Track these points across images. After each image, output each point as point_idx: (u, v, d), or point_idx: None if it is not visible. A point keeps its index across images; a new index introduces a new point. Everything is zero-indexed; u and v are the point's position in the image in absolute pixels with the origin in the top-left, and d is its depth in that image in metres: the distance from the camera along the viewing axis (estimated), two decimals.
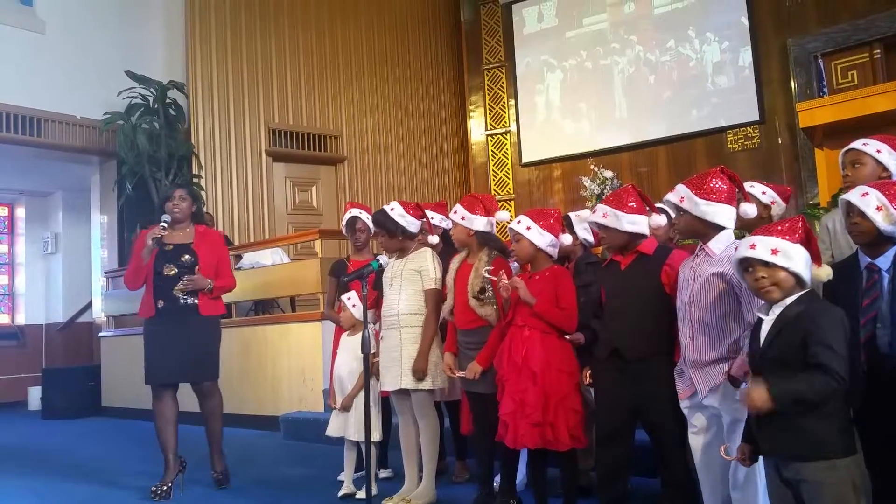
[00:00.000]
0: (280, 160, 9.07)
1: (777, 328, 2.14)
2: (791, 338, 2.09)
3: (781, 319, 2.14)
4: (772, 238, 2.17)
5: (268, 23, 9.05)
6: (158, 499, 4.14)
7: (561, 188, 9.74)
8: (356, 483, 4.05)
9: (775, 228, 2.22)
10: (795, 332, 2.08)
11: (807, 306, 2.12)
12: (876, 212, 2.38)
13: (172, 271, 4.26)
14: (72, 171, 9.35)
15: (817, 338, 2.03)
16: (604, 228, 3.05)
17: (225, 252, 4.57)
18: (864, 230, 2.43)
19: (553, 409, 3.14)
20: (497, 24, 10.38)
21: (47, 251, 10.65)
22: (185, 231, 4.41)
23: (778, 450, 2.15)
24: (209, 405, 4.39)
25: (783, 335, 2.12)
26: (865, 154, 2.92)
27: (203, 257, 4.32)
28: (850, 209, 2.47)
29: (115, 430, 7.29)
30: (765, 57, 8.29)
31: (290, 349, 6.52)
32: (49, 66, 8.10)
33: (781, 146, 8.10)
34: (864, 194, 2.43)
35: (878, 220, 2.38)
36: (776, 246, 2.15)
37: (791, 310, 2.14)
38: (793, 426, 2.08)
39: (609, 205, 3.01)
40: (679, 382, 2.80)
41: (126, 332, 8.33)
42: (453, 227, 3.72)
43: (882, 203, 2.38)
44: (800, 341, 2.06)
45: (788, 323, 2.12)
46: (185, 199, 4.41)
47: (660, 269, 2.94)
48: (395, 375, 3.72)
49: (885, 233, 2.39)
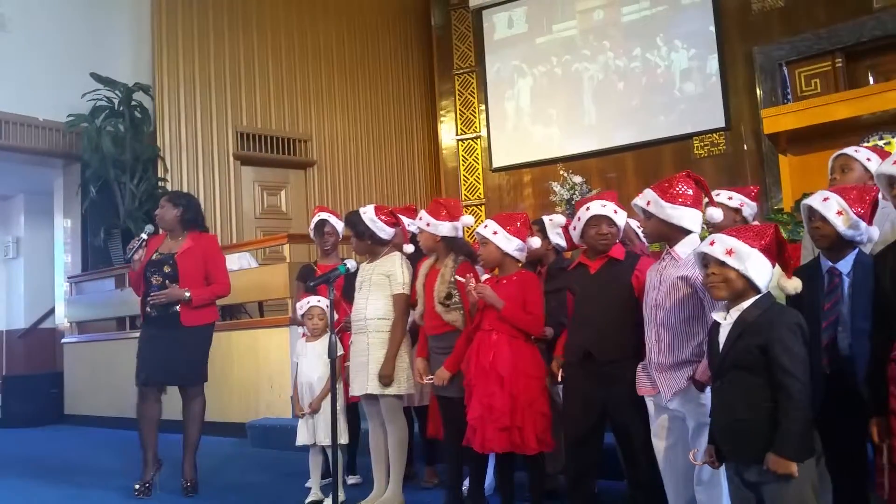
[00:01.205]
0: (248, 164, 8.98)
1: (737, 332, 2.17)
2: (750, 343, 2.13)
3: (740, 324, 2.18)
4: (731, 239, 2.21)
5: (236, 25, 8.97)
6: (141, 496, 4.24)
7: (531, 193, 9.78)
8: (324, 490, 4.01)
9: (743, 230, 2.26)
10: (754, 337, 2.12)
11: (763, 311, 2.16)
12: (836, 216, 2.43)
13: (158, 280, 4.32)
14: (34, 174, 9.15)
15: (776, 352, 2.07)
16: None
17: (218, 257, 4.53)
18: (825, 234, 2.47)
19: (521, 413, 3.14)
20: (468, 29, 10.40)
21: (8, 256, 10.42)
22: (176, 240, 4.44)
23: (738, 453, 2.18)
24: (192, 410, 4.42)
25: (742, 340, 2.15)
26: (855, 160, 2.98)
27: (184, 267, 4.31)
28: (812, 213, 2.51)
29: (80, 437, 7.15)
30: (731, 65, 8.42)
31: (257, 355, 6.45)
32: (10, 66, 7.92)
33: (747, 152, 8.22)
34: (825, 199, 2.47)
35: (838, 224, 2.42)
36: (732, 246, 2.19)
37: (749, 313, 2.17)
38: (752, 430, 2.11)
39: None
40: (641, 379, 2.81)
41: (90, 338, 8.19)
42: (420, 233, 3.71)
43: (842, 207, 2.43)
44: (759, 347, 2.10)
45: (747, 327, 2.15)
46: (164, 207, 4.43)
47: (630, 275, 2.95)
48: (362, 380, 3.71)
49: (845, 236, 2.44)
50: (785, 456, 2.03)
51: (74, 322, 8.43)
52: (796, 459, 2.03)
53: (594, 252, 3.06)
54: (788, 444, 2.04)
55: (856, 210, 2.42)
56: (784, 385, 2.05)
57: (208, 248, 4.48)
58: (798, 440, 2.04)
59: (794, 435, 2.04)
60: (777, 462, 2.04)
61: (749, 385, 2.13)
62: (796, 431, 2.04)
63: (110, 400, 7.32)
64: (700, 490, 2.64)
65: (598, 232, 3.01)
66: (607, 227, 3.00)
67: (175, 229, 4.42)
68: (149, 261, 4.33)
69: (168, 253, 4.36)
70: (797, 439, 2.04)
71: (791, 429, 2.04)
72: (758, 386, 2.11)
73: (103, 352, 7.73)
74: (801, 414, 2.05)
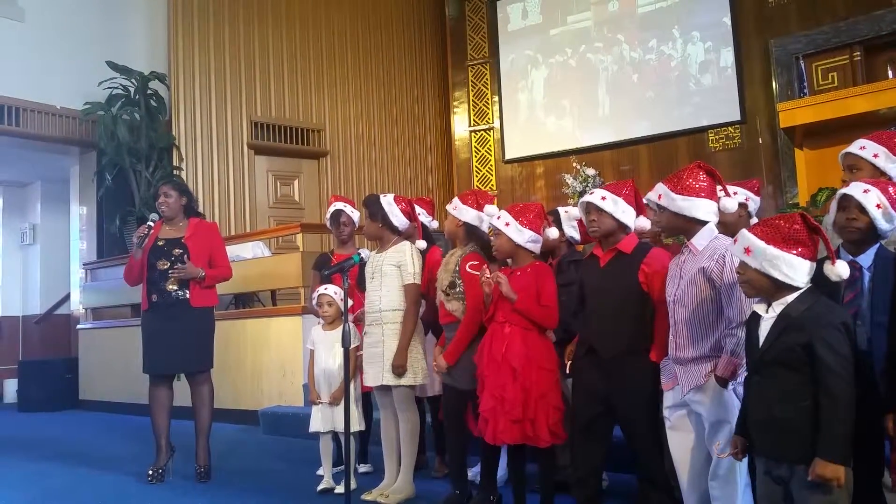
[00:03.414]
0: (262, 153, 9.01)
1: (779, 327, 2.11)
2: (793, 340, 2.07)
3: (783, 319, 2.12)
4: (750, 236, 2.17)
5: (252, 14, 8.98)
6: (155, 481, 4.31)
7: (544, 185, 9.76)
8: (335, 478, 4.05)
9: (766, 224, 2.19)
10: (797, 334, 2.06)
11: (809, 307, 2.09)
12: (875, 209, 2.39)
13: (165, 265, 4.37)
14: (51, 162, 9.24)
15: (821, 351, 2.00)
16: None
17: (219, 242, 4.65)
18: (861, 226, 2.42)
19: (533, 406, 3.14)
20: (482, 20, 10.37)
21: (25, 242, 10.52)
22: (177, 226, 4.52)
23: (772, 450, 2.15)
24: (200, 394, 4.47)
25: (784, 336, 2.09)
26: (862, 159, 2.93)
27: (193, 249, 4.41)
28: (848, 203, 2.46)
29: (94, 422, 7.23)
30: (747, 57, 8.35)
31: (269, 343, 6.50)
32: (29, 55, 7.99)
33: (762, 146, 8.16)
34: (865, 190, 2.43)
35: (877, 218, 2.39)
36: (750, 244, 2.15)
37: (793, 309, 2.11)
38: (790, 428, 2.07)
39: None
40: (664, 374, 2.81)
41: (104, 324, 8.27)
42: (447, 217, 3.72)
43: (882, 202, 2.40)
44: (802, 345, 2.04)
45: (791, 322, 2.09)
46: (171, 195, 4.50)
47: (637, 268, 2.92)
48: (377, 371, 3.73)
49: (881, 231, 2.41)
50: (831, 459, 1.96)
51: (89, 308, 8.52)
52: (844, 463, 1.96)
53: (605, 242, 3.04)
54: (835, 447, 1.97)
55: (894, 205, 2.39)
56: (828, 385, 1.99)
57: (212, 233, 4.61)
58: (844, 443, 1.97)
59: (839, 437, 1.97)
60: (825, 467, 1.96)
61: (788, 382, 2.07)
62: (842, 434, 1.96)
63: (124, 385, 7.39)
64: (715, 485, 2.63)
65: (588, 219, 3.02)
66: (595, 213, 2.98)
67: (178, 216, 4.52)
68: (152, 247, 4.39)
69: (174, 238, 4.43)
70: (843, 442, 1.97)
71: (836, 431, 1.97)
72: (798, 384, 2.05)
73: (118, 338, 7.80)
74: (845, 415, 1.97)
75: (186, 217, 4.56)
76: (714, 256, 2.61)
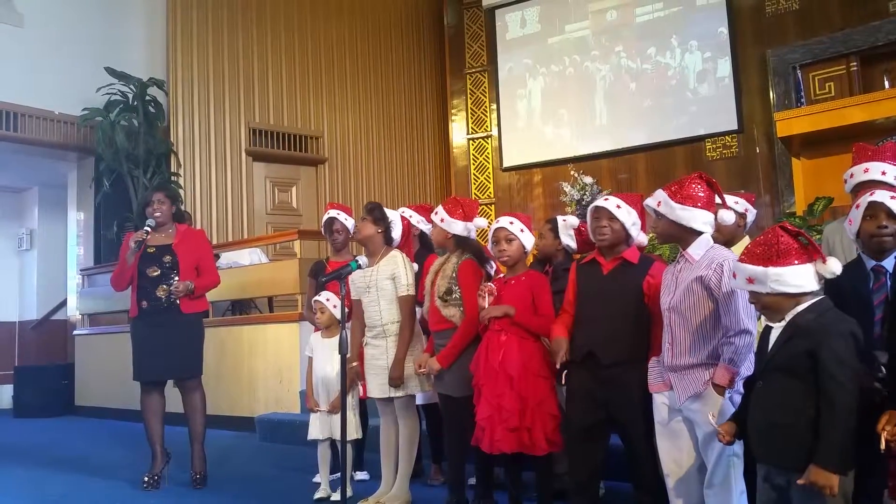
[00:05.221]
0: (260, 160, 9.02)
1: (787, 335, 2.13)
2: (800, 347, 2.07)
3: (791, 327, 2.13)
4: (746, 267, 2.17)
5: (250, 21, 9.00)
6: (150, 488, 4.30)
7: (541, 193, 9.77)
8: (332, 485, 4.03)
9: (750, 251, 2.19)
10: (803, 341, 2.07)
11: (818, 315, 2.10)
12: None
13: (155, 272, 4.38)
14: (49, 167, 9.22)
15: (825, 359, 2.00)
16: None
17: (207, 249, 4.67)
18: (894, 232, 2.42)
19: (530, 414, 3.15)
20: (480, 28, 10.40)
21: (22, 247, 10.49)
22: (167, 233, 4.53)
23: (771, 456, 2.15)
24: (192, 401, 4.46)
25: (791, 343, 2.10)
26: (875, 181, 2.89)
27: (183, 258, 4.42)
28: (878, 211, 2.45)
29: (90, 428, 7.22)
30: (744, 67, 8.38)
31: (266, 350, 6.49)
32: (27, 60, 7.99)
33: (759, 155, 8.18)
34: (893, 196, 2.43)
35: None
36: (750, 274, 2.16)
37: (802, 317, 2.12)
38: (789, 435, 2.07)
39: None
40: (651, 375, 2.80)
41: (101, 330, 8.25)
42: (433, 227, 3.73)
43: None
44: (807, 351, 2.04)
45: (798, 330, 2.10)
46: (164, 202, 4.52)
47: (642, 279, 2.93)
48: (382, 382, 3.71)
49: None
50: (827, 468, 1.95)
51: (86, 314, 8.50)
52: (839, 472, 1.95)
53: (609, 251, 3.04)
54: (831, 455, 1.96)
55: None
56: (829, 393, 1.98)
57: (200, 240, 4.64)
58: (841, 451, 1.96)
59: (835, 445, 1.96)
60: (818, 474, 1.95)
61: (790, 389, 2.07)
62: (839, 442, 1.96)
63: (120, 392, 7.35)
64: (710, 494, 2.62)
65: (597, 224, 3.00)
66: (607, 220, 2.98)
67: (168, 223, 4.54)
68: (143, 254, 4.38)
69: (164, 245, 4.44)
70: (839, 450, 1.96)
71: (834, 439, 1.96)
72: (800, 391, 2.05)
73: (114, 344, 7.76)
74: (845, 424, 1.96)
75: (174, 223, 4.58)
76: (712, 265, 2.62)
